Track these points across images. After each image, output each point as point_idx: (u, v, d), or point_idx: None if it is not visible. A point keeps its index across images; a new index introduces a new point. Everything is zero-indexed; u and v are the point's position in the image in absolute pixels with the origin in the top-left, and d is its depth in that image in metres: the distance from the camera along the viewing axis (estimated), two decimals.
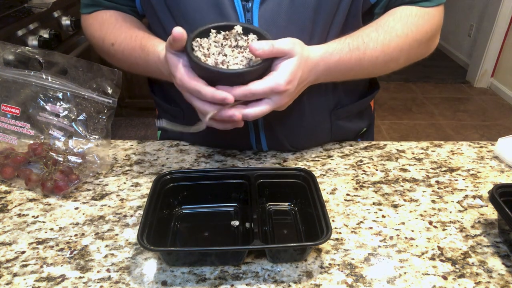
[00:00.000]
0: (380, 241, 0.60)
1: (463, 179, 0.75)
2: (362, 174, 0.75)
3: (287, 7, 0.65)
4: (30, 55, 0.73)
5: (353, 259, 0.57)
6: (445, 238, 0.61)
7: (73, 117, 0.73)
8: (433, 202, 0.69)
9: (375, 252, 0.58)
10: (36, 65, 0.73)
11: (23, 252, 0.58)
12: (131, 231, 0.62)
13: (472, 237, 0.62)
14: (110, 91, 0.72)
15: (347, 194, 0.70)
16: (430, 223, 0.64)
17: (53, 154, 0.71)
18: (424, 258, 0.57)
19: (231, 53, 0.60)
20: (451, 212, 0.67)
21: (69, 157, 0.72)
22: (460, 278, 0.54)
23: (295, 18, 0.66)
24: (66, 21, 1.81)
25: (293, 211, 0.66)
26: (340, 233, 0.62)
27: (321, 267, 0.56)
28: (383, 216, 0.65)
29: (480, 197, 0.70)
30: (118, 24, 0.75)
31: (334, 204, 0.68)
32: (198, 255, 0.55)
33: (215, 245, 0.59)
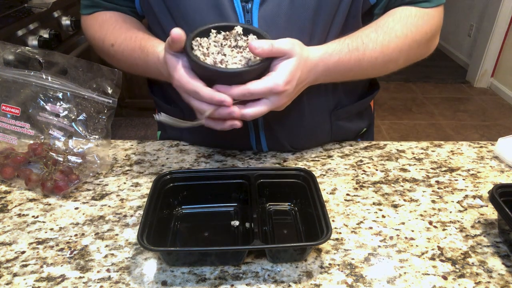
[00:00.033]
0: (380, 241, 0.60)
1: (463, 179, 0.75)
2: (362, 174, 0.75)
3: (287, 8, 0.65)
4: (30, 55, 0.73)
5: (353, 259, 0.57)
6: (445, 238, 0.61)
7: (73, 117, 0.73)
8: (433, 202, 0.69)
9: (375, 252, 0.58)
10: (36, 65, 0.74)
11: (23, 252, 0.58)
12: (131, 231, 0.62)
13: (472, 237, 0.62)
14: (110, 91, 0.72)
15: (347, 194, 0.70)
16: (430, 223, 0.64)
17: (53, 154, 0.71)
18: (424, 258, 0.57)
19: (230, 52, 0.60)
20: (451, 212, 0.67)
21: (69, 157, 0.72)
22: (460, 278, 0.54)
23: (295, 19, 0.66)
24: (66, 21, 1.81)
25: (293, 211, 0.66)
26: (340, 233, 0.62)
27: (321, 267, 0.56)
28: (383, 216, 0.65)
29: (480, 197, 0.70)
30: (118, 25, 0.75)
31: (334, 204, 0.68)
32: (198, 255, 0.55)
33: (215, 245, 0.59)
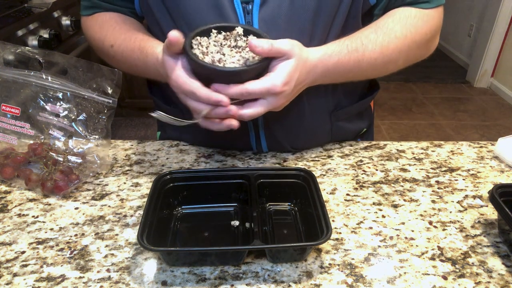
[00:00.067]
0: (380, 241, 0.60)
1: (463, 179, 0.75)
2: (362, 174, 0.75)
3: (287, 9, 0.65)
4: (30, 55, 0.73)
5: (353, 259, 0.57)
6: (445, 238, 0.61)
7: (73, 117, 0.73)
8: (433, 202, 0.69)
9: (375, 252, 0.58)
10: (36, 65, 0.74)
11: (23, 252, 0.58)
12: (131, 231, 0.62)
13: (472, 237, 0.62)
14: (110, 91, 0.72)
15: (347, 194, 0.70)
16: (430, 223, 0.64)
17: (53, 154, 0.71)
18: (424, 258, 0.57)
19: (229, 52, 0.60)
20: (451, 212, 0.67)
21: (69, 157, 0.72)
22: (460, 278, 0.54)
23: (295, 20, 0.66)
24: (66, 21, 1.81)
25: (293, 211, 0.66)
26: (340, 233, 0.62)
27: (321, 267, 0.56)
28: (383, 216, 0.65)
29: (480, 197, 0.70)
30: (117, 25, 0.75)
31: (334, 204, 0.68)
32: (198, 255, 0.55)
33: (215, 245, 0.59)
